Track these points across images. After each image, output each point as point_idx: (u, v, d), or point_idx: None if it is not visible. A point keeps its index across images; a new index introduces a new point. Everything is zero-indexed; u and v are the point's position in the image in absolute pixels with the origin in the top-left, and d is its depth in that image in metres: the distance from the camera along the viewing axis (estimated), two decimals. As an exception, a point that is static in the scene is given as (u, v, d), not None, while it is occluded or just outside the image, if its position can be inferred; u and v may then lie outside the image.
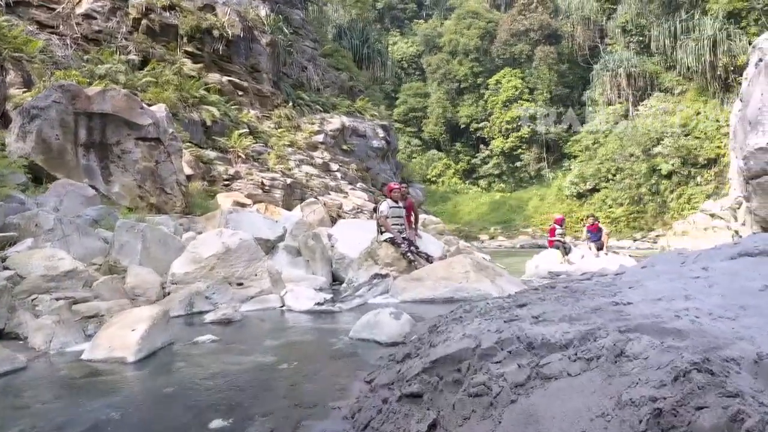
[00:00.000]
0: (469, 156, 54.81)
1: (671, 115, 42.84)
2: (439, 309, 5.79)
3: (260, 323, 5.29)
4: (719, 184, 39.18)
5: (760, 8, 42.15)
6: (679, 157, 40.02)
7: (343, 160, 26.87)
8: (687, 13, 44.91)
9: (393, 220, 7.99)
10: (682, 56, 43.18)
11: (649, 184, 41.10)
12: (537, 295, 3.31)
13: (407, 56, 61.37)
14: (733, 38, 40.92)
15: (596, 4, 52.93)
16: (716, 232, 28.24)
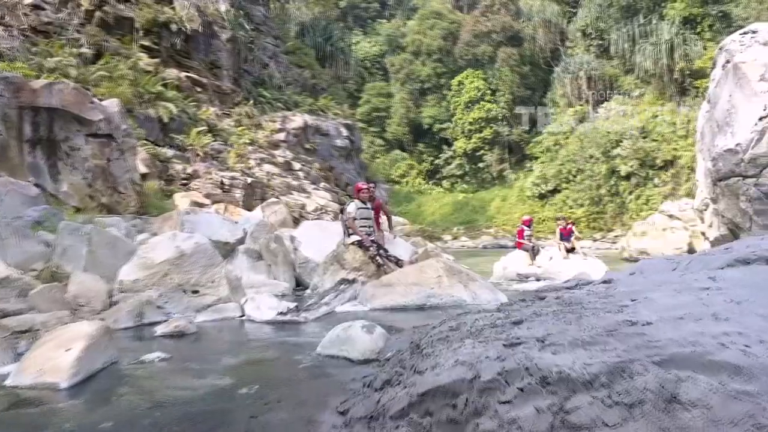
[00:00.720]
0: (433, 156, 54.73)
1: (630, 118, 43.57)
2: (412, 318, 5.42)
3: (217, 336, 4.83)
4: (676, 186, 40.04)
5: (714, 14, 43.27)
6: (638, 159, 40.71)
7: (306, 159, 26.32)
8: (645, 18, 45.76)
9: (361, 222, 7.58)
10: (640, 60, 43.96)
11: (609, 186, 41.69)
12: (529, 308, 2.96)
13: (370, 56, 60.90)
14: (689, 43, 41.84)
15: (557, 8, 53.50)
16: (674, 232, 28.70)
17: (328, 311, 5.71)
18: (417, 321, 5.09)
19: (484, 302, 6.19)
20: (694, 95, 41.51)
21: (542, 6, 53.48)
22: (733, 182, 9.38)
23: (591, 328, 2.17)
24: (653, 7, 46.97)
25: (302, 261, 8.57)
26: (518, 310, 2.91)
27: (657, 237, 29.13)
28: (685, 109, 41.87)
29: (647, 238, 29.13)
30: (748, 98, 9.12)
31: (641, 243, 28.84)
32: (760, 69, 9.03)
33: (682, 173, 40.05)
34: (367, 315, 5.60)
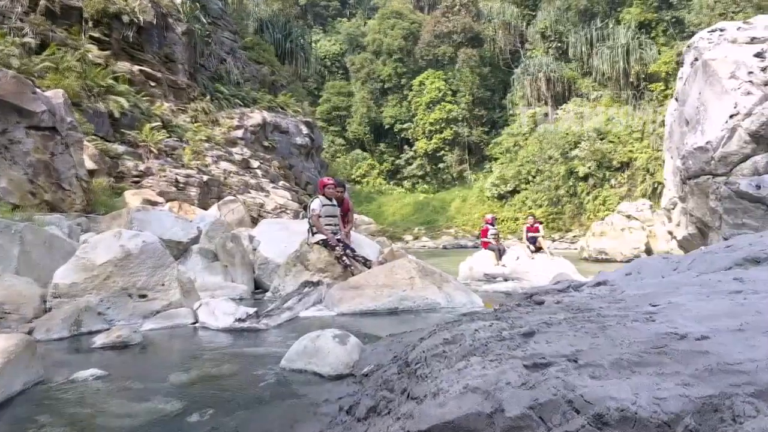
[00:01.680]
0: (394, 156, 54.52)
1: (588, 120, 44.24)
2: (384, 323, 4.97)
3: (166, 347, 4.27)
4: (632, 187, 40.85)
5: (667, 20, 44.29)
6: (595, 160, 41.37)
7: (265, 157, 25.58)
8: (602, 22, 46.57)
9: (326, 220, 7.07)
10: (597, 63, 44.71)
11: (567, 186, 42.23)
12: (532, 315, 2.54)
13: (330, 54, 60.30)
14: (644, 47, 42.73)
15: (516, 10, 54.03)
16: (632, 233, 29.12)
17: (292, 317, 5.19)
18: (390, 327, 4.64)
19: (459, 305, 5.79)
20: (649, 98, 42.44)
21: (502, 8, 53.94)
22: (703, 181, 9.26)
23: (628, 343, 1.75)
24: (610, 12, 47.88)
25: (262, 262, 8.00)
26: (520, 318, 2.48)
27: (615, 237, 29.55)
28: (640, 112, 42.73)
29: (606, 239, 29.47)
30: (719, 96, 9.01)
31: (600, 243, 29.16)
32: (730, 66, 8.94)
33: (637, 174, 40.87)
34: (334, 321, 5.12)
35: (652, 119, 41.31)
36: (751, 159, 8.64)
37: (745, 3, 38.24)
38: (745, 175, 8.64)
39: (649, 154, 40.27)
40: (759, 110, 8.49)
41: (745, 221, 8.75)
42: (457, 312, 5.54)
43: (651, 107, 42.08)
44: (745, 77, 8.74)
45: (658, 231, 28.53)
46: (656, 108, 41.56)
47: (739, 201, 8.70)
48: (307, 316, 5.36)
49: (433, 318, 5.26)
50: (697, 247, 10.49)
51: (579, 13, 48.23)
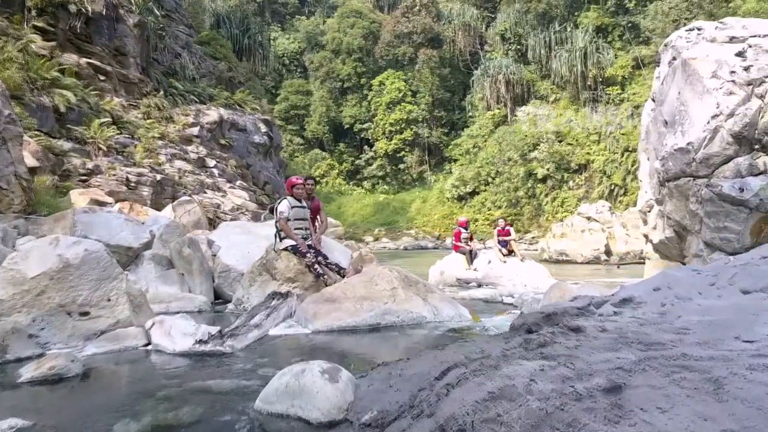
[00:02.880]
0: (353, 157, 53.89)
1: (546, 122, 44.58)
2: (366, 342, 4.37)
3: (111, 379, 3.57)
4: (589, 189, 41.31)
5: (624, 25, 45.02)
6: (553, 162, 41.68)
7: (221, 155, 24.61)
8: (560, 26, 46.99)
9: (295, 224, 6.40)
10: (556, 66, 45.03)
11: (526, 188, 42.44)
12: (587, 351, 1.98)
13: (288, 52, 59.24)
14: (601, 51, 43.25)
15: (476, 12, 54.13)
16: (592, 234, 29.25)
17: (260, 336, 4.52)
18: (376, 348, 4.05)
19: (446, 318, 5.23)
20: (606, 101, 42.99)
21: (462, 9, 53.95)
22: (684, 183, 8.97)
23: None
24: (568, 16, 48.41)
25: (222, 269, 7.26)
26: (575, 356, 1.92)
27: (575, 239, 29.68)
28: (597, 115, 43.26)
29: (566, 240, 29.55)
30: (700, 96, 8.75)
31: (560, 245, 29.23)
32: (711, 65, 8.69)
33: (595, 177, 41.36)
34: (310, 340, 4.49)
35: (609, 122, 41.86)
36: (734, 161, 8.37)
37: (698, 10, 39.09)
38: (728, 177, 8.36)
39: (606, 156, 40.81)
40: (742, 111, 8.23)
41: (727, 224, 8.48)
42: (446, 327, 4.99)
43: (608, 110, 42.67)
44: (727, 77, 8.47)
45: (617, 233, 28.77)
46: (613, 111, 42.14)
47: (721, 204, 8.42)
48: (278, 335, 4.71)
49: (419, 334, 4.69)
50: (675, 250, 10.23)
51: (538, 16, 48.60)
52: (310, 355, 3.84)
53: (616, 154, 40.17)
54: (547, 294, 5.09)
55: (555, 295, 4.94)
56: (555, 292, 4.98)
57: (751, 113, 8.19)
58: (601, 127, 42.20)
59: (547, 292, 5.13)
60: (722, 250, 8.69)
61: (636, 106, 39.79)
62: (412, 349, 3.94)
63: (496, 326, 4.95)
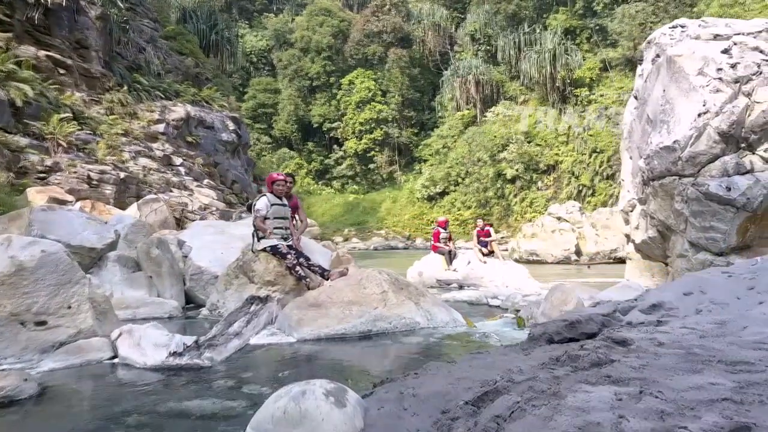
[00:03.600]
0: (322, 156, 53.28)
1: (516, 123, 44.75)
2: (357, 352, 3.97)
3: (72, 401, 3.09)
4: (557, 189, 41.56)
5: (592, 27, 45.49)
6: (522, 162, 41.83)
7: (188, 153, 23.81)
8: (529, 27, 47.21)
9: (275, 223, 5.96)
10: (525, 67, 45.19)
11: (495, 188, 42.50)
12: (661, 374, 1.63)
13: (256, 50, 58.29)
14: (570, 53, 43.58)
15: (446, 12, 54.10)
16: (563, 234, 29.37)
17: (241, 345, 4.09)
18: (370, 358, 3.67)
19: (441, 324, 4.88)
20: (574, 103, 43.33)
21: (432, 9, 53.84)
22: (669, 182, 8.81)
23: None
24: (537, 18, 48.69)
25: (194, 272, 6.77)
26: (651, 380, 1.57)
27: (546, 239, 29.75)
28: (566, 116, 43.58)
29: (537, 240, 29.60)
30: (686, 93, 8.60)
31: (531, 245, 29.24)
32: (698, 63, 8.55)
33: (563, 177, 41.61)
34: (296, 350, 4.08)
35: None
36: (720, 159, 8.24)
37: (663, 14, 39.71)
38: (714, 176, 8.22)
39: (574, 157, 41.12)
40: (729, 108, 8.10)
41: (713, 224, 8.35)
42: (441, 333, 4.63)
43: (576, 112, 43.03)
44: (714, 74, 8.34)
45: (587, 233, 28.93)
46: (581, 112, 42.52)
47: (707, 203, 8.28)
48: (260, 344, 4.28)
49: (414, 342, 4.32)
50: (657, 250, 10.09)
51: (507, 17, 48.79)
52: (298, 367, 3.44)
53: (584, 155, 40.49)
54: (547, 297, 4.78)
55: (557, 298, 4.64)
56: (556, 295, 4.67)
57: (739, 111, 8.06)
58: (570, 129, 42.52)
59: (547, 296, 4.82)
60: (707, 249, 8.57)
61: (604, 107, 40.21)
62: (414, 361, 3.57)
63: (496, 333, 4.62)
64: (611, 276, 20.25)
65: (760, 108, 7.99)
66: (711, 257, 8.52)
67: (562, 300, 4.60)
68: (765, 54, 8.50)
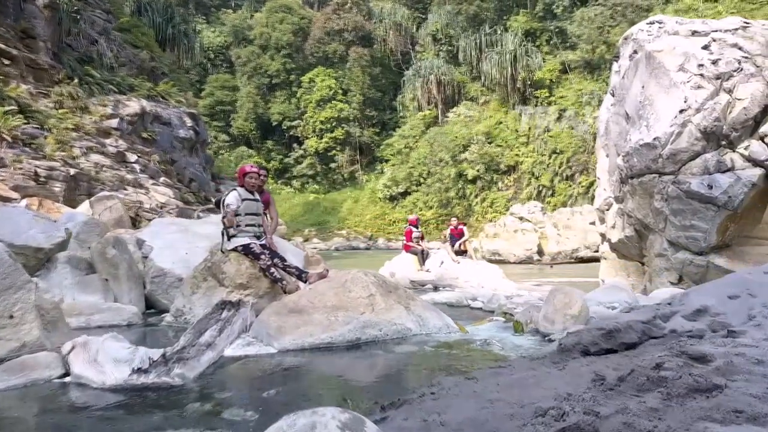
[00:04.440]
0: (282, 155, 52.38)
1: (477, 123, 44.90)
2: (349, 364, 3.52)
3: (13, 430, 2.55)
4: (518, 190, 41.85)
5: (552, 30, 45.98)
6: (483, 163, 41.97)
7: (143, 150, 22.81)
8: (491, 28, 47.41)
9: (247, 219, 5.44)
10: (486, 68, 45.34)
11: (457, 188, 42.53)
12: None
13: (214, 46, 56.95)
14: (530, 55, 43.92)
15: (407, 12, 53.94)
16: (525, 234, 29.48)
17: (215, 358, 3.58)
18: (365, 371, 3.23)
19: (434, 330, 4.46)
20: (535, 104, 43.67)
21: (393, 9, 53.59)
22: (648, 179, 8.63)
23: None
24: (497, 19, 48.95)
25: (156, 274, 6.17)
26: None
27: (508, 239, 29.82)
28: (526, 117, 43.91)
29: (499, 240, 29.62)
30: (666, 89, 8.44)
31: (493, 245, 29.22)
32: (678, 58, 8.39)
33: (523, 178, 41.91)
34: (279, 363, 3.59)
35: (537, 124, 42.60)
36: (701, 157, 8.09)
37: (621, 18, 40.43)
38: (695, 174, 8.07)
39: (534, 158, 41.48)
40: (710, 105, 7.96)
41: (693, 223, 8.19)
42: (435, 340, 4.22)
43: (536, 113, 43.42)
44: (695, 70, 8.19)
45: (549, 233, 29.09)
46: (541, 114, 42.93)
47: (688, 201, 8.12)
48: (236, 356, 3.78)
49: (410, 351, 3.89)
50: (634, 250, 9.93)
51: (469, 18, 48.89)
52: (284, 384, 2.97)
53: (544, 156, 40.88)
54: (549, 300, 4.41)
55: (560, 301, 4.28)
56: (559, 298, 4.30)
57: (720, 108, 7.92)
58: (530, 130, 42.91)
59: (548, 299, 4.45)
60: (687, 249, 8.43)
61: (563, 109, 40.68)
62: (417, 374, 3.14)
63: (496, 340, 4.23)
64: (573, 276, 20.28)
65: (741, 105, 7.88)
66: (691, 256, 8.38)
67: (566, 303, 4.24)
68: (743, 51, 8.41)
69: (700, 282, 8.44)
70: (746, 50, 8.44)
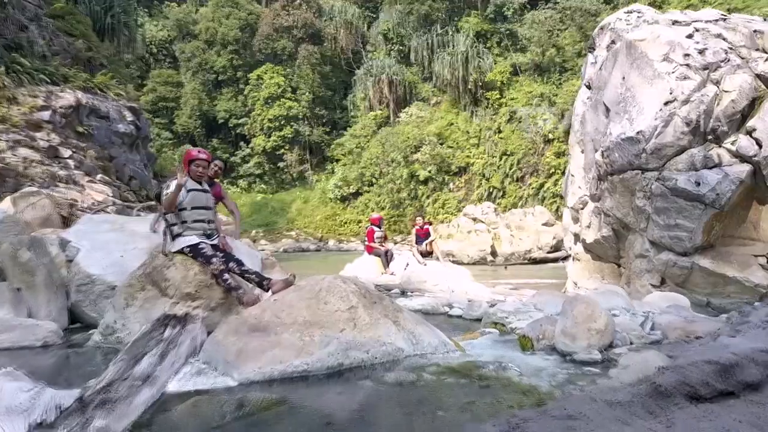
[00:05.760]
0: (228, 153, 50.63)
1: (429, 124, 44.61)
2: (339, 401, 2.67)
3: None
4: (469, 191, 41.76)
5: (502, 32, 46.12)
6: (435, 164, 41.74)
7: (79, 145, 21.17)
8: (442, 29, 47.20)
9: (194, 214, 4.50)
10: (438, 68, 45.10)
11: (409, 189, 42.12)
12: None
13: (157, 40, 54.60)
14: (482, 56, 43.89)
15: (358, 11, 53.18)
16: (479, 235, 29.25)
17: (156, 396, 2.67)
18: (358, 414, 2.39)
19: (429, 350, 3.65)
20: (485, 105, 43.65)
21: (343, 7, 52.73)
22: (630, 176, 8.10)
23: None
24: (449, 20, 48.78)
25: (83, 281, 5.11)
26: None
27: (462, 239, 29.56)
28: (477, 118, 43.86)
29: (453, 241, 29.29)
30: (649, 81, 7.93)
31: (447, 245, 28.80)
32: (662, 48, 7.90)
33: (474, 179, 41.83)
34: (241, 402, 2.70)
35: (488, 126, 42.62)
36: (688, 152, 7.61)
37: (570, 22, 40.89)
38: (681, 170, 7.59)
39: (485, 159, 41.50)
40: (697, 97, 7.48)
41: (679, 222, 7.70)
42: (433, 362, 3.41)
43: (487, 114, 43.45)
44: (680, 60, 7.71)
45: (503, 234, 28.91)
46: (491, 116, 42.97)
47: (674, 199, 7.62)
48: (184, 392, 2.87)
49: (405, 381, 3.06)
50: (611, 251, 9.41)
51: (420, 18, 48.53)
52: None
53: (495, 158, 40.94)
54: (566, 312, 3.65)
55: (581, 312, 3.53)
56: (579, 309, 3.55)
57: (708, 100, 7.45)
58: (481, 131, 42.93)
59: (565, 310, 3.69)
60: (671, 249, 7.93)
61: (513, 111, 40.81)
62: (431, 420, 2.32)
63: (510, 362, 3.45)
64: (527, 277, 19.95)
65: (729, 97, 7.43)
66: (675, 257, 7.88)
67: (589, 315, 3.51)
68: (728, 42, 8.00)
69: (683, 284, 8.00)
70: (730, 41, 8.03)
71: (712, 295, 7.78)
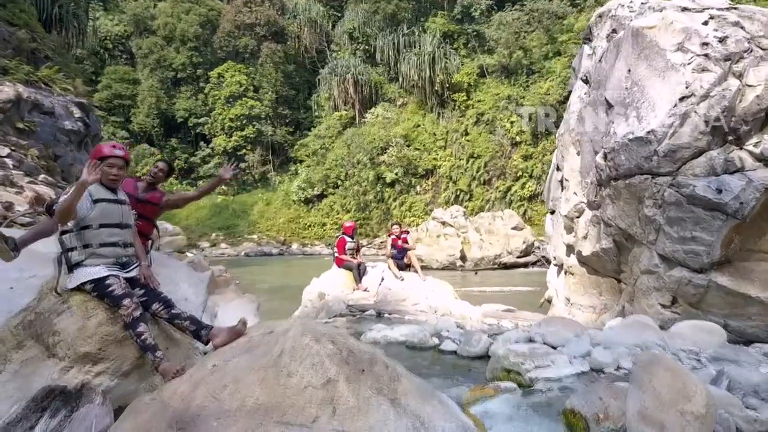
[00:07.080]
0: (187, 154, 48.73)
1: (395, 125, 43.63)
2: None
3: None
4: (435, 194, 40.94)
5: (469, 33, 45.41)
6: (401, 166, 40.84)
7: (18, 142, 19.47)
8: (408, 29, 46.25)
9: (103, 235, 3.12)
10: (405, 69, 44.14)
11: (375, 191, 41.14)
12: None
13: (112, 35, 52.26)
14: (449, 57, 43.07)
15: (323, 9, 51.94)
16: (448, 239, 28.35)
17: None
18: None
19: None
20: (452, 107, 42.83)
21: (307, 5, 51.45)
22: (638, 181, 7.10)
23: None
24: (415, 20, 47.91)
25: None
26: None
27: (431, 244, 28.70)
28: (444, 120, 43.02)
29: (421, 245, 28.26)
30: (661, 73, 6.96)
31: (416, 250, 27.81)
32: (676, 36, 6.93)
33: (441, 182, 41.04)
34: None
35: (455, 128, 41.86)
36: (706, 155, 6.65)
37: (537, 24, 40.46)
38: (698, 175, 6.63)
39: (452, 162, 40.75)
40: (718, 91, 6.54)
41: (695, 234, 6.73)
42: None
43: (454, 116, 42.69)
44: (698, 50, 6.76)
45: (472, 238, 28.04)
46: (459, 117, 42.24)
47: (690, 208, 6.65)
48: None
49: None
50: (611, 264, 8.38)
51: (386, 17, 47.49)
52: None
53: (462, 160, 40.22)
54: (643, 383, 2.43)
55: (667, 386, 2.36)
56: (664, 381, 2.39)
57: (731, 95, 6.50)
58: (448, 133, 42.13)
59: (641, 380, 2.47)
60: (685, 265, 6.94)
61: (480, 113, 40.14)
62: None
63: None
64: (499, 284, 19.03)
65: (753, 93, 6.50)
66: (689, 274, 6.89)
67: (679, 389, 2.38)
68: (746, 31, 7.08)
69: (698, 305, 7.04)
70: (748, 30, 7.12)
71: (730, 317, 6.82)
